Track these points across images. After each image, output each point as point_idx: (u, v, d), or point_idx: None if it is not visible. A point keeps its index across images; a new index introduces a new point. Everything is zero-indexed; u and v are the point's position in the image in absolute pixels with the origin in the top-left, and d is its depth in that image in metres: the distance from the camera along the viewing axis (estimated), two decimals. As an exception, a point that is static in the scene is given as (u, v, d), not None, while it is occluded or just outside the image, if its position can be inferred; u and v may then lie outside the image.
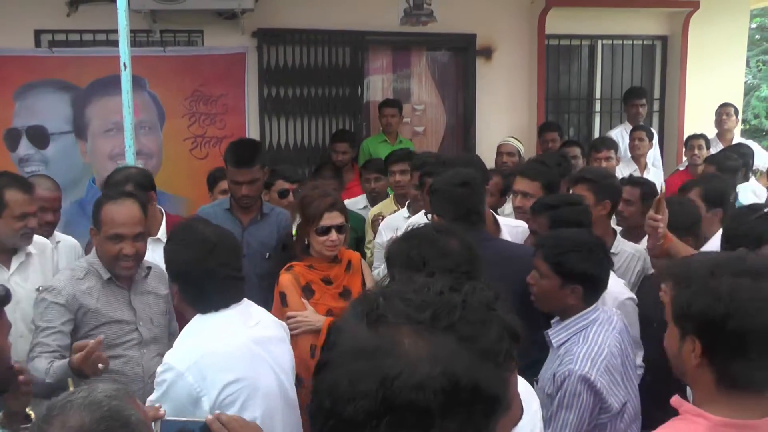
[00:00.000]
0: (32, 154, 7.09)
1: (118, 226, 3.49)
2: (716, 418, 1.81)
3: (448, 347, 1.13)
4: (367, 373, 1.11)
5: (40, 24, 7.23)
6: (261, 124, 7.72)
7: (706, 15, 8.58)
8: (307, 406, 2.49)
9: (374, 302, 1.20)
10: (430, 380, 1.09)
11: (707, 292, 1.81)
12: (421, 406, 1.09)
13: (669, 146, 9.05)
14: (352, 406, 1.10)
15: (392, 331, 1.15)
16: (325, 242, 3.84)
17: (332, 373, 1.16)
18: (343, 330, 1.22)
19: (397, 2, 8.09)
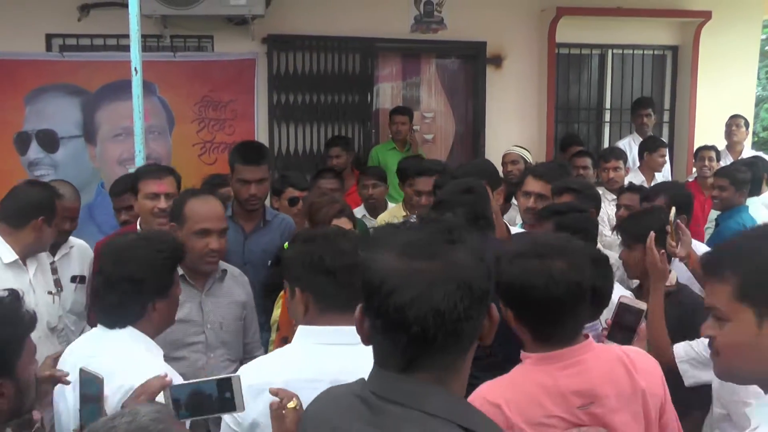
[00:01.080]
0: (42, 158, 7.10)
1: (205, 221, 3.50)
2: (536, 355, 2.36)
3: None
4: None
5: (52, 28, 7.26)
6: (270, 130, 7.72)
7: (717, 25, 8.55)
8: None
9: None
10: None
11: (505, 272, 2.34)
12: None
13: (679, 157, 9.02)
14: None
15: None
16: None
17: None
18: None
19: (408, 9, 8.09)
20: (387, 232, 1.64)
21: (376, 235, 1.65)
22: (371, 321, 1.59)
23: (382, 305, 1.53)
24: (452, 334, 1.54)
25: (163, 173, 4.40)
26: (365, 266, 1.59)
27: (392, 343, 1.56)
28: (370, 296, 1.57)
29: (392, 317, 1.52)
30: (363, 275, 1.59)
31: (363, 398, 1.62)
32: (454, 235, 1.58)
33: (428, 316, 1.50)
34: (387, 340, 1.57)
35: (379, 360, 1.63)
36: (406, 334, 1.52)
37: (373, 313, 1.57)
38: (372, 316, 1.58)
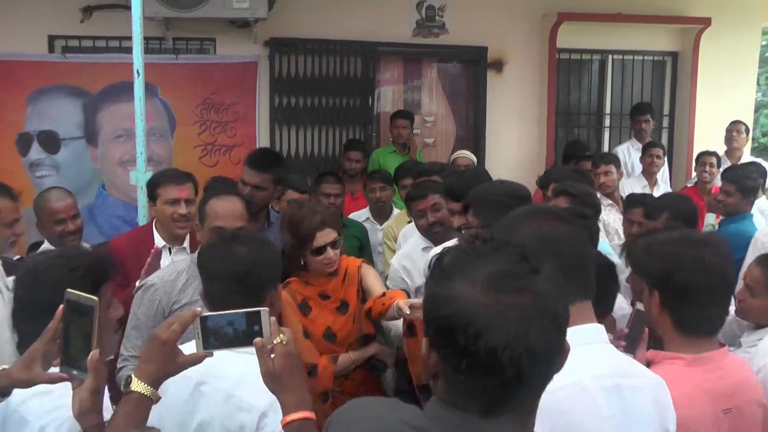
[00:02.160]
0: (43, 159, 7.12)
1: (221, 219, 3.55)
2: (688, 356, 2.37)
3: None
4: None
5: (54, 30, 7.27)
6: (271, 133, 7.74)
7: (717, 32, 8.58)
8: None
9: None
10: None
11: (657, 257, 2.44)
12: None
13: (678, 163, 9.05)
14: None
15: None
16: (323, 261, 3.75)
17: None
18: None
19: (410, 14, 8.11)
20: (462, 259, 1.49)
21: (450, 262, 1.50)
22: (452, 361, 1.43)
23: (470, 346, 1.38)
24: (545, 373, 1.46)
25: (183, 179, 4.47)
26: (442, 298, 1.45)
27: (478, 386, 1.41)
28: (450, 333, 1.41)
29: (482, 360, 1.38)
30: (440, 310, 1.44)
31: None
32: (534, 262, 1.48)
33: (523, 357, 1.38)
34: (470, 382, 1.41)
35: (455, 401, 1.46)
36: (498, 377, 1.39)
37: (456, 353, 1.41)
38: (453, 356, 1.42)
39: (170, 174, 4.65)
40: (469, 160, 6.89)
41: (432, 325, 1.47)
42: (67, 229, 4.49)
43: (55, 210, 4.49)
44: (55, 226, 4.47)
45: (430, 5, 8.15)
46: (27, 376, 2.04)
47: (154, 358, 2.02)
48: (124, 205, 7.04)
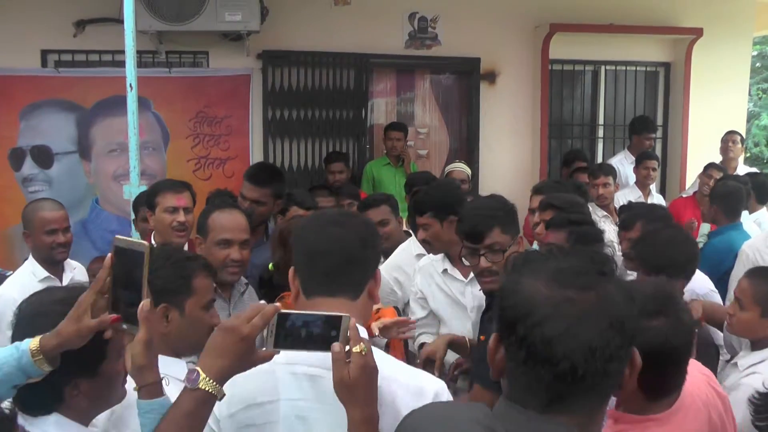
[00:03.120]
0: (36, 174, 7.10)
1: (227, 232, 3.58)
2: (659, 416, 2.32)
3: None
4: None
5: (47, 44, 7.26)
6: (265, 146, 7.72)
7: (709, 42, 8.61)
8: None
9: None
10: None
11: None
12: None
13: (672, 173, 9.07)
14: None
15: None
16: None
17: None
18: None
19: (402, 25, 8.13)
20: (536, 257, 1.54)
21: (526, 259, 1.55)
22: (512, 351, 1.47)
23: (528, 335, 1.42)
24: (601, 374, 1.43)
25: (181, 188, 4.50)
26: (508, 291, 1.50)
27: (535, 379, 1.44)
28: (512, 324, 1.45)
29: (538, 349, 1.41)
30: (504, 300, 1.50)
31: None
32: (605, 266, 1.49)
33: (578, 351, 1.39)
34: (529, 374, 1.44)
35: (514, 395, 1.50)
36: (552, 369, 1.40)
37: (516, 344, 1.45)
38: (513, 347, 1.46)
39: (168, 183, 4.70)
40: (465, 174, 6.89)
41: (499, 317, 1.51)
42: (58, 240, 4.43)
43: (47, 220, 4.44)
44: (45, 237, 4.41)
45: (423, 17, 8.16)
46: (76, 327, 1.89)
47: (229, 353, 1.83)
48: (118, 219, 7.01)
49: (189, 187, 4.59)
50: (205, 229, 3.63)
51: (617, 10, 8.38)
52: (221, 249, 3.56)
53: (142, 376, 1.89)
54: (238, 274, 3.68)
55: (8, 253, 6.62)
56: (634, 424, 2.30)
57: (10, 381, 1.88)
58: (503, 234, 3.27)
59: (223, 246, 3.57)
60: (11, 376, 1.88)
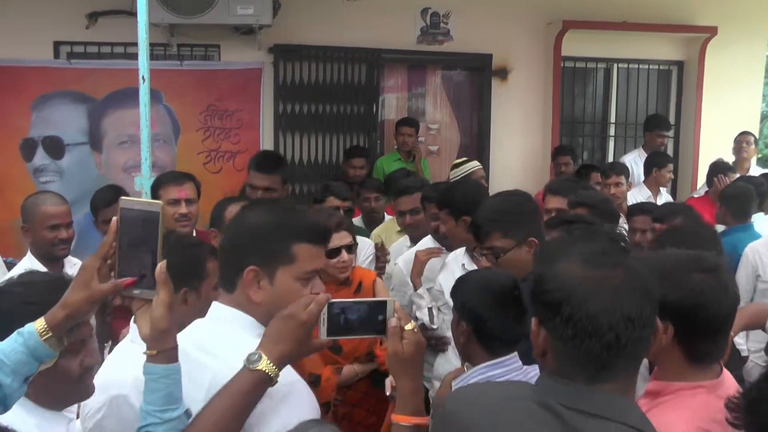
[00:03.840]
0: (47, 165, 7.11)
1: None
2: (709, 382, 2.21)
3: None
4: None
5: (60, 36, 7.28)
6: (275, 140, 7.73)
7: (723, 41, 8.57)
8: None
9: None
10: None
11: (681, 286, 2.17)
12: None
13: (683, 172, 9.02)
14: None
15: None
16: (336, 264, 3.74)
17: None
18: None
19: (414, 21, 8.12)
20: (559, 244, 1.82)
21: (550, 247, 1.83)
22: (558, 331, 1.66)
23: (574, 314, 1.62)
24: (639, 341, 1.65)
25: (183, 179, 4.51)
26: (548, 276, 1.70)
27: (584, 353, 1.63)
28: (556, 306, 1.65)
29: (584, 325, 1.62)
30: (544, 285, 1.70)
31: (551, 409, 1.64)
32: (625, 244, 1.75)
33: (621, 322, 1.60)
34: (577, 349, 1.63)
35: (561, 370, 1.68)
36: (600, 341, 1.61)
37: (562, 323, 1.64)
38: (559, 327, 1.65)
39: (170, 175, 4.70)
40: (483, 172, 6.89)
41: (539, 301, 1.72)
42: (60, 236, 4.28)
43: (50, 214, 4.28)
44: (47, 232, 4.25)
45: (435, 12, 8.15)
46: (86, 294, 1.83)
47: (289, 338, 1.96)
48: (128, 210, 7.02)
49: (192, 179, 4.58)
50: (220, 222, 3.63)
51: (631, 8, 8.34)
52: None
53: (163, 340, 1.86)
54: None
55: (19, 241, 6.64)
56: (680, 392, 2.21)
57: (22, 371, 1.82)
58: (504, 238, 3.29)
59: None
60: (22, 365, 1.81)
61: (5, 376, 1.79)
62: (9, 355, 1.80)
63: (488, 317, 2.68)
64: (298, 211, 2.31)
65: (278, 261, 2.15)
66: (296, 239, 2.16)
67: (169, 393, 1.84)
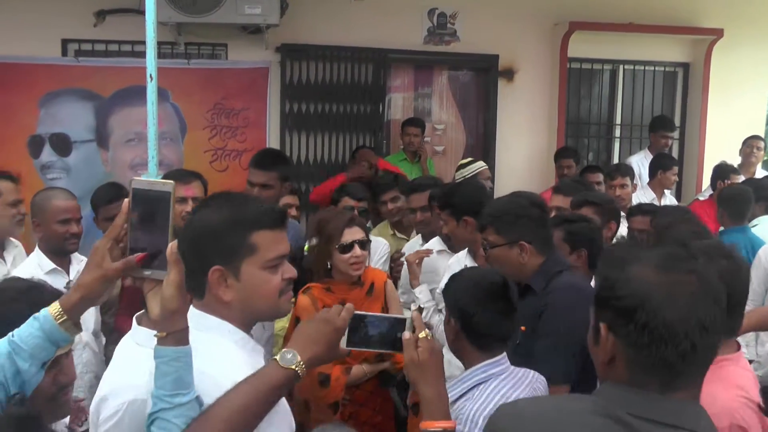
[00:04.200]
0: (54, 161, 7.14)
1: None
2: (732, 355, 2.48)
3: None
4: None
5: (68, 33, 7.31)
6: (282, 139, 7.75)
7: (729, 43, 8.57)
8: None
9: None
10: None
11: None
12: None
13: (688, 174, 9.03)
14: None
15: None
16: (350, 259, 3.72)
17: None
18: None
19: (421, 21, 8.13)
20: (627, 250, 1.76)
21: (617, 251, 1.78)
22: (631, 338, 1.59)
23: (651, 321, 1.56)
24: (711, 348, 1.60)
25: (190, 178, 4.52)
26: (620, 281, 1.63)
27: (658, 360, 1.57)
28: (630, 312, 1.58)
29: (661, 332, 1.55)
30: (617, 291, 1.63)
31: (620, 421, 1.56)
32: (692, 251, 1.68)
33: (696, 330, 1.55)
34: (651, 357, 1.57)
35: (632, 378, 1.61)
36: (676, 349, 1.55)
37: (637, 330, 1.58)
38: (633, 333, 1.59)
39: (177, 173, 4.73)
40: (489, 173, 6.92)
41: (611, 307, 1.64)
42: (72, 230, 4.30)
43: (61, 209, 4.30)
44: (59, 226, 4.27)
45: (442, 13, 8.16)
46: (100, 273, 1.86)
47: (323, 341, 2.03)
48: (134, 208, 7.04)
49: (199, 177, 4.60)
50: None
51: (637, 9, 8.35)
52: None
53: (173, 321, 1.85)
54: None
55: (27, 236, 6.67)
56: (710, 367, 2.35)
57: (40, 356, 1.83)
58: (496, 235, 3.38)
59: None
60: (39, 350, 1.83)
61: (23, 362, 1.80)
62: (26, 340, 1.81)
63: (475, 312, 2.74)
64: (249, 200, 2.28)
65: (240, 254, 2.12)
66: (253, 228, 2.13)
67: (179, 377, 1.83)
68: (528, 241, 3.34)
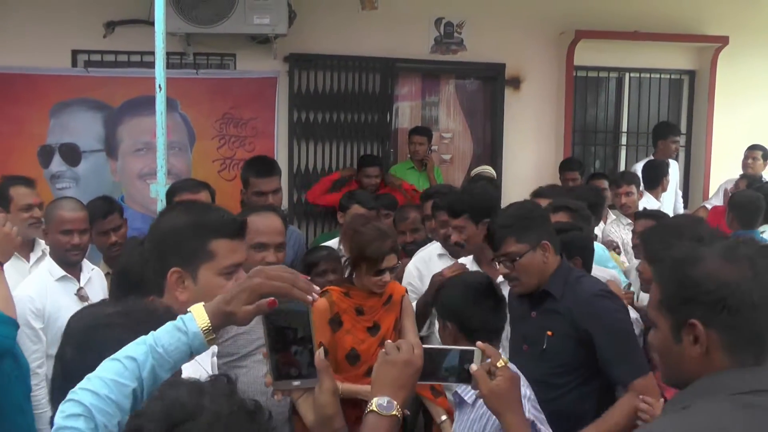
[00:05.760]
0: (64, 171, 7.20)
1: (262, 235, 3.58)
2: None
3: None
4: None
5: (77, 44, 7.37)
6: (290, 148, 7.79)
7: (735, 51, 8.59)
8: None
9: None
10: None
11: None
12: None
13: (695, 182, 9.04)
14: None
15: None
16: (378, 282, 3.78)
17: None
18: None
19: (428, 30, 8.17)
20: (699, 248, 1.94)
21: (685, 249, 1.98)
22: (728, 323, 1.79)
23: (742, 304, 1.78)
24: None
25: (199, 188, 4.58)
26: (701, 279, 1.83)
27: (753, 336, 1.80)
28: (723, 301, 1.79)
29: (750, 311, 1.79)
30: (703, 287, 1.82)
31: (750, 406, 1.74)
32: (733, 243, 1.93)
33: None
34: (744, 335, 1.80)
35: (734, 360, 1.81)
36: (765, 323, 1.80)
37: (731, 314, 1.79)
38: (728, 319, 1.79)
39: (186, 183, 4.78)
40: (492, 176, 6.95)
41: (699, 304, 1.81)
42: (73, 242, 4.31)
43: (64, 219, 4.33)
44: (60, 236, 4.31)
45: (449, 22, 8.20)
46: (254, 310, 1.89)
47: (409, 384, 2.06)
48: (143, 217, 7.07)
49: (207, 187, 4.65)
50: None
51: (642, 18, 8.38)
52: (257, 252, 3.54)
53: (332, 424, 1.99)
54: None
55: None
56: None
57: (179, 365, 1.87)
58: (518, 243, 3.40)
59: (258, 249, 3.56)
60: (182, 361, 1.87)
61: (165, 373, 1.83)
62: (172, 353, 1.83)
63: (471, 313, 2.91)
64: (213, 209, 2.41)
65: (199, 259, 2.24)
66: (213, 236, 2.25)
67: None
68: (548, 241, 3.43)
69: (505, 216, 3.57)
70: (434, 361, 2.16)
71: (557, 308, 3.36)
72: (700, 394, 1.80)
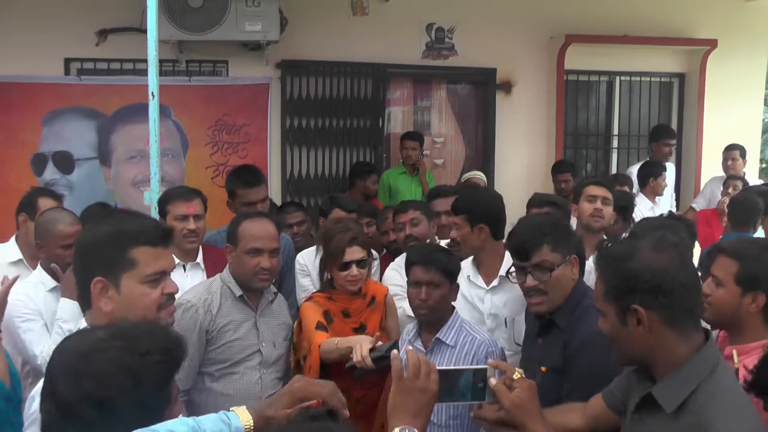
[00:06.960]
0: (57, 179, 7.21)
1: (257, 241, 3.62)
2: None
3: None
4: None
5: (70, 53, 7.38)
6: (282, 154, 7.82)
7: (724, 53, 8.65)
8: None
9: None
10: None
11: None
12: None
13: (686, 183, 9.08)
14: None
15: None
16: (346, 277, 3.81)
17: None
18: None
19: (419, 36, 8.21)
20: (620, 246, 2.26)
21: (613, 251, 2.26)
22: (664, 303, 2.09)
23: (674, 285, 2.09)
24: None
25: (191, 195, 4.57)
26: (641, 271, 2.11)
27: (686, 310, 2.12)
28: (659, 285, 2.09)
29: (681, 291, 2.11)
30: (643, 277, 2.10)
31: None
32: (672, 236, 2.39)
33: (695, 282, 2.21)
34: (680, 310, 2.11)
35: (678, 331, 2.11)
36: (693, 297, 2.15)
37: (666, 296, 2.09)
38: (664, 299, 2.09)
39: (178, 191, 4.74)
40: (482, 181, 7.00)
41: (638, 291, 2.11)
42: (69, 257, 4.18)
43: (65, 234, 4.20)
44: (61, 251, 4.18)
45: (440, 27, 8.24)
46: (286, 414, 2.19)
47: (426, 410, 2.11)
48: (137, 224, 7.10)
49: (200, 194, 4.64)
50: (235, 238, 3.67)
51: (632, 22, 8.43)
52: (251, 258, 3.60)
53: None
54: (269, 281, 3.74)
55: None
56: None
57: None
58: (553, 252, 3.13)
59: (253, 255, 3.60)
60: None
61: None
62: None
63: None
64: (135, 217, 2.42)
65: (120, 268, 2.25)
66: (133, 243, 2.25)
67: None
68: (577, 256, 3.22)
69: (538, 223, 3.28)
70: (450, 382, 2.21)
71: (560, 340, 3.05)
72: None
